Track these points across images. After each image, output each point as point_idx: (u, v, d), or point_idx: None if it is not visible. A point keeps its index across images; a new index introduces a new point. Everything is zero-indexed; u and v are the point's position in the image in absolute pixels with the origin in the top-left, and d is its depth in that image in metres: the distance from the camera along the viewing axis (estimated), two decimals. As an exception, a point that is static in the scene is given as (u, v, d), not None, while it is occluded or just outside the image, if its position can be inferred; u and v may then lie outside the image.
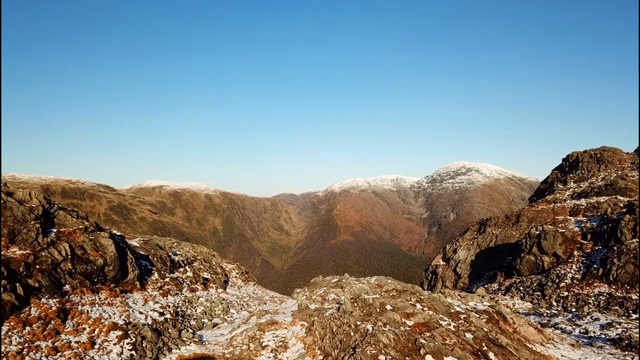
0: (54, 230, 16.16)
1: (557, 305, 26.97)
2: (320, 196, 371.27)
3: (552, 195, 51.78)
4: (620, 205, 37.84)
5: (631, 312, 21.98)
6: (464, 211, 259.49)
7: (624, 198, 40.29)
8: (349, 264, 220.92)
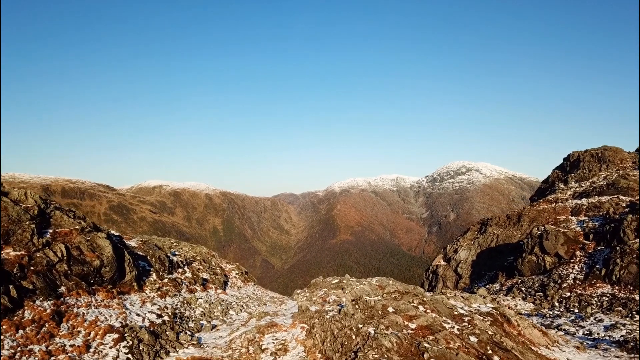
0: (50, 230, 15.87)
1: (560, 306, 26.71)
2: (320, 196, 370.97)
3: (554, 194, 51.47)
4: (622, 205, 37.55)
5: (635, 313, 21.75)
6: (464, 211, 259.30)
7: (626, 198, 40.00)
8: (349, 264, 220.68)
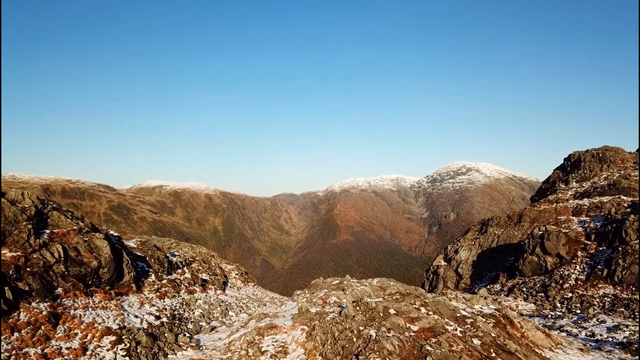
0: (47, 231, 15.68)
1: (561, 306, 26.54)
2: (320, 196, 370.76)
3: (554, 195, 51.29)
4: (624, 205, 37.38)
5: (637, 314, 21.59)
6: (464, 211, 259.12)
7: (628, 198, 39.83)
8: (349, 264, 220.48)
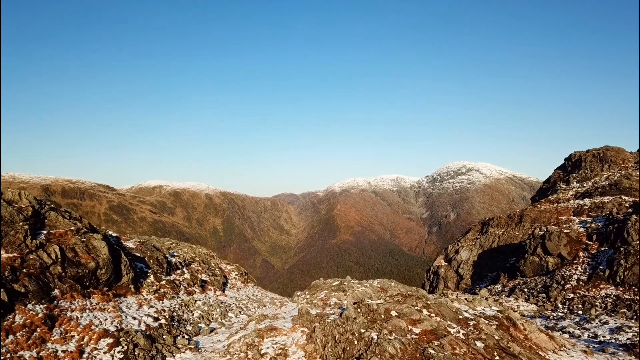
0: (44, 231, 15.50)
1: (563, 307, 26.38)
2: (320, 196, 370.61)
3: (555, 195, 51.13)
4: (625, 205, 37.21)
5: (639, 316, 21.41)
6: (465, 211, 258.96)
7: (629, 198, 39.66)
8: (350, 264, 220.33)
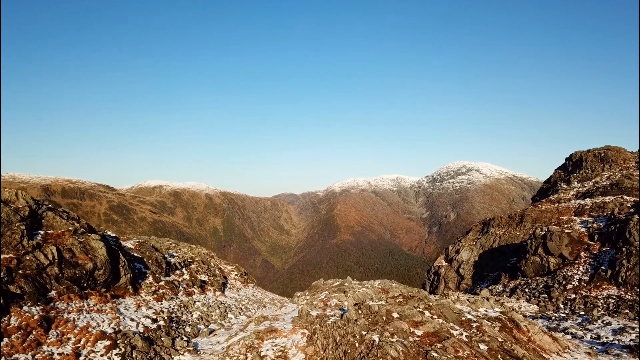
0: (41, 232, 15.31)
1: (565, 308, 26.18)
2: (320, 196, 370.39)
3: (556, 195, 50.94)
4: (627, 205, 37.03)
5: (640, 316, 21.22)
6: (465, 211, 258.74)
7: (631, 198, 39.46)
8: (350, 264, 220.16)
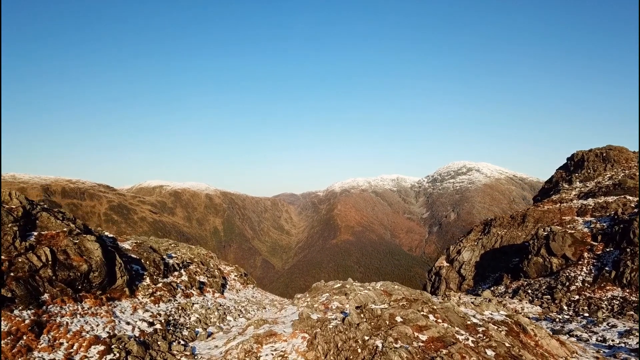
0: (35, 233, 14.94)
1: (568, 309, 25.81)
2: (320, 196, 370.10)
3: (558, 195, 50.57)
4: (631, 205, 36.64)
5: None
6: (465, 211, 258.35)
7: (634, 198, 39.09)
8: (350, 264, 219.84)
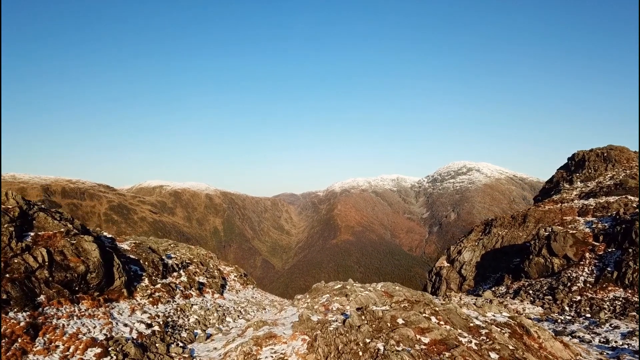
0: (31, 234, 14.75)
1: (570, 310, 25.61)
2: (320, 196, 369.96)
3: (559, 195, 50.39)
4: (632, 205, 36.48)
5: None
6: (465, 211, 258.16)
7: (635, 198, 38.92)
8: (350, 264, 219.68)
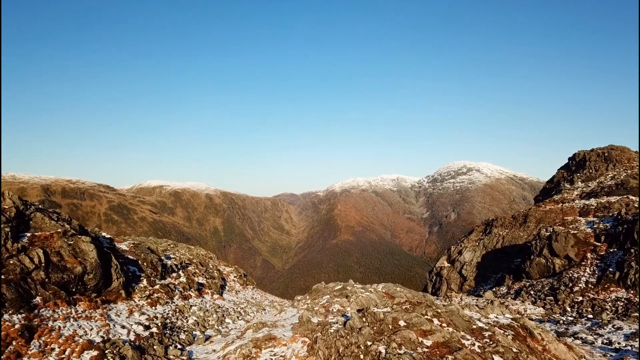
0: (28, 234, 14.56)
1: (572, 310, 25.43)
2: (320, 196, 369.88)
3: (560, 195, 50.22)
4: (634, 205, 36.33)
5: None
6: (465, 211, 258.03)
7: (637, 198, 38.76)
8: (350, 264, 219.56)
